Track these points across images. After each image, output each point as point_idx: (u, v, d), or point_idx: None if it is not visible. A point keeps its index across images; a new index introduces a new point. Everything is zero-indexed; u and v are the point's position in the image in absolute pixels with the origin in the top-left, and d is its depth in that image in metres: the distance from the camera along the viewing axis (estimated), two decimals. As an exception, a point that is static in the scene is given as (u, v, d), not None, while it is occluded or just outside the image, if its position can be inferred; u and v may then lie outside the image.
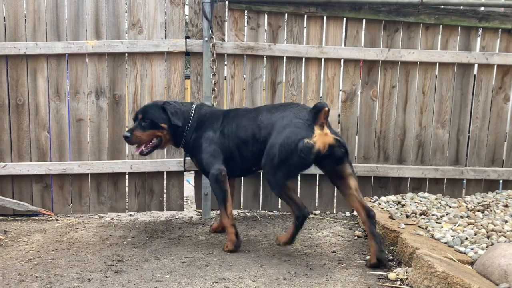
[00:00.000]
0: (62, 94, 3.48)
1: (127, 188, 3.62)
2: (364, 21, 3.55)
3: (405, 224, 2.77)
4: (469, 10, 3.52)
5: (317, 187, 3.67)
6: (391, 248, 2.64)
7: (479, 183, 3.69)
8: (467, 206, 3.14)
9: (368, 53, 3.53)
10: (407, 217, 2.99)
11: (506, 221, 2.67)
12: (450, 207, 3.17)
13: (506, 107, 3.65)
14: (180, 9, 3.47)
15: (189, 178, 4.54)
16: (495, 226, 2.58)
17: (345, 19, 3.54)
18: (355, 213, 3.59)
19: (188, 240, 2.92)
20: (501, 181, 3.70)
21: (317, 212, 3.67)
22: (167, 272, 2.35)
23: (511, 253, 1.96)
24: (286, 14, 3.52)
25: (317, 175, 3.63)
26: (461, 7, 3.52)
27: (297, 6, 3.48)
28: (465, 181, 3.71)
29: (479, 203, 3.22)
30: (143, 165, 3.51)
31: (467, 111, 3.65)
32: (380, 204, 3.33)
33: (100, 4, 3.41)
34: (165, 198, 3.63)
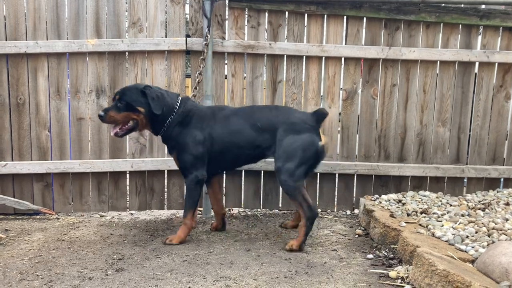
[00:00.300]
0: (62, 93, 3.48)
1: (127, 186, 3.62)
2: (364, 19, 3.54)
3: (406, 222, 2.77)
4: (470, 8, 3.51)
5: (317, 185, 3.67)
6: (392, 246, 2.64)
7: (480, 182, 3.69)
8: (468, 204, 3.14)
9: (368, 52, 3.52)
10: (408, 215, 2.99)
11: (507, 219, 2.67)
12: (451, 205, 3.17)
13: (507, 105, 3.65)
14: (180, 8, 3.47)
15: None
16: (496, 224, 2.57)
17: (345, 17, 3.54)
18: (356, 211, 3.62)
19: (188, 238, 2.92)
20: (502, 180, 3.70)
21: (318, 210, 3.67)
22: (168, 270, 2.35)
23: (512, 251, 1.96)
24: (286, 12, 3.52)
25: (318, 174, 3.63)
26: (462, 5, 3.51)
27: (298, 4, 3.47)
28: (466, 180, 3.71)
29: (480, 202, 3.22)
30: (144, 164, 3.51)
31: (468, 109, 3.64)
32: (381, 202, 3.33)
33: (100, 3, 3.40)
34: (165, 196, 3.63)
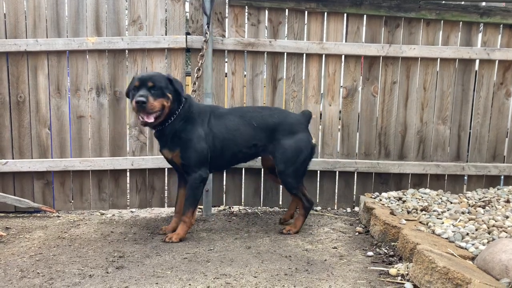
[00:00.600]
0: (62, 91, 3.48)
1: (128, 184, 3.63)
2: (365, 16, 3.54)
3: (406, 220, 2.77)
4: (471, 5, 3.51)
5: (318, 183, 3.68)
6: (392, 243, 2.64)
7: (480, 179, 3.69)
8: (468, 202, 3.14)
9: (369, 49, 3.52)
10: (408, 213, 2.99)
11: (507, 217, 2.67)
12: (451, 203, 3.17)
13: (507, 102, 3.65)
14: (180, 6, 3.46)
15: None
16: (496, 221, 2.57)
17: (346, 15, 3.53)
18: (356, 209, 3.62)
19: (189, 236, 2.92)
20: (502, 177, 3.70)
21: (318, 208, 3.68)
22: (168, 268, 2.35)
23: (512, 248, 1.97)
24: (286, 10, 3.51)
25: (318, 172, 3.63)
26: (463, 3, 3.51)
27: (298, 2, 3.47)
28: (466, 177, 3.71)
29: (480, 199, 3.22)
30: (144, 162, 3.51)
31: (468, 107, 3.64)
32: (381, 200, 3.33)
33: (100, 0, 3.40)
34: (166, 194, 3.63)
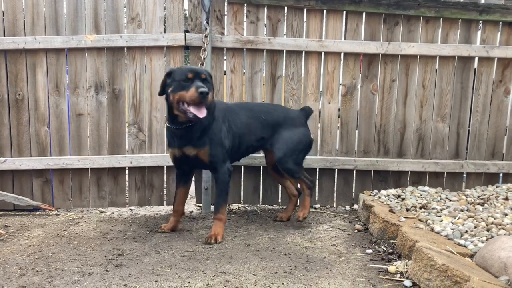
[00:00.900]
0: (61, 88, 3.47)
1: (127, 182, 3.62)
2: (364, 14, 3.54)
3: (405, 217, 2.77)
4: (470, 3, 3.50)
5: (317, 181, 3.68)
6: (391, 241, 2.64)
7: (479, 177, 3.70)
8: (467, 199, 3.14)
9: (368, 47, 3.52)
10: (407, 210, 2.99)
11: (506, 214, 2.67)
12: (450, 200, 3.18)
13: (506, 100, 3.65)
14: (179, 3, 3.45)
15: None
16: (495, 219, 2.58)
17: (345, 12, 3.53)
18: (355, 206, 3.63)
19: (188, 234, 2.93)
20: (501, 175, 3.71)
21: (317, 206, 3.68)
22: (168, 265, 2.35)
23: (511, 246, 1.97)
24: (285, 7, 3.50)
25: (317, 169, 3.63)
26: (462, 0, 3.51)
27: (297, -1, 3.47)
28: (465, 175, 3.72)
29: (479, 197, 3.22)
30: (143, 160, 3.51)
31: (467, 104, 3.64)
32: (380, 197, 3.34)
33: (99, -2, 3.40)
34: (165, 192, 3.63)
